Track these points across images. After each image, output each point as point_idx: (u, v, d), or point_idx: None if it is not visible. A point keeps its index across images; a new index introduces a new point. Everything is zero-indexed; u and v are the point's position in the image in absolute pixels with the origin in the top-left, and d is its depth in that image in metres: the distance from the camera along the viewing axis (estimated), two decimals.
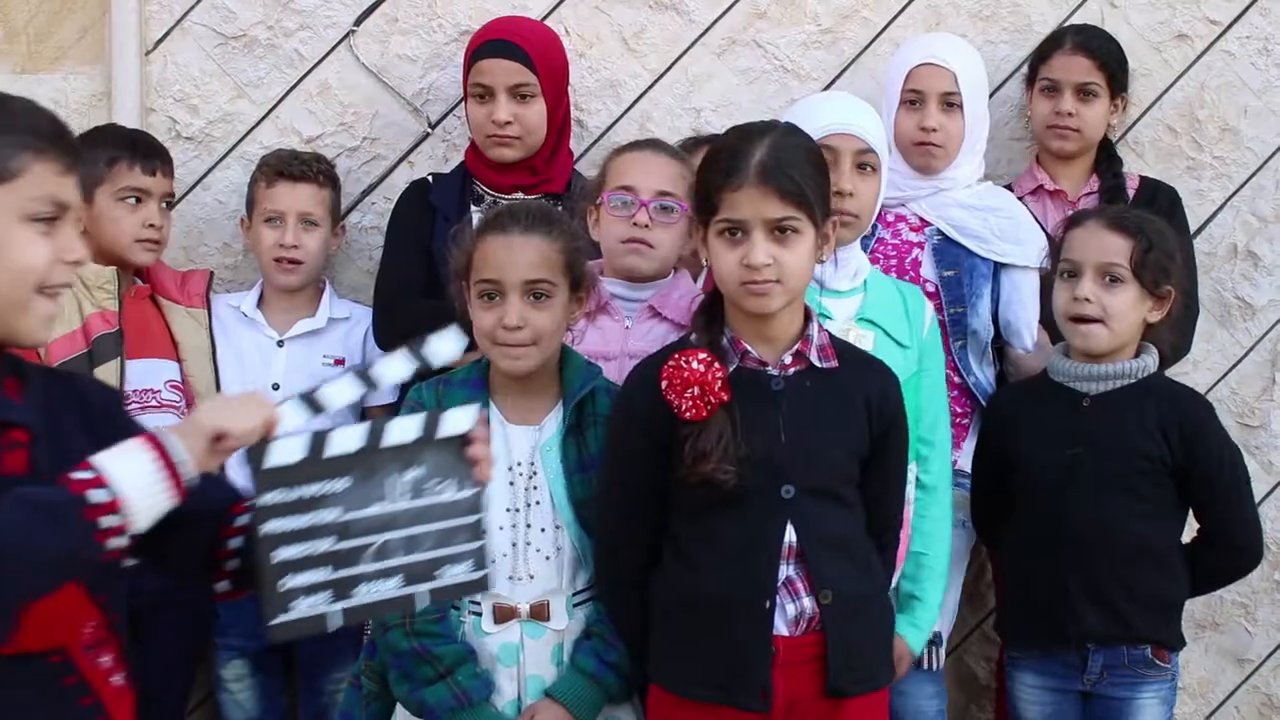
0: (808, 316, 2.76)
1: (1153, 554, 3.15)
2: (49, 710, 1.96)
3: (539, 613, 2.82)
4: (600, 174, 3.32)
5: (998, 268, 3.53)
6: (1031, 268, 3.51)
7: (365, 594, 2.06)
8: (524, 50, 3.58)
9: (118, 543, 1.85)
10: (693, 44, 3.95)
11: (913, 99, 3.55)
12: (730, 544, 2.68)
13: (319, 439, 2.05)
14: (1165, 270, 3.16)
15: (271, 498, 2.01)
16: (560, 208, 3.10)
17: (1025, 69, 3.88)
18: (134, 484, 1.86)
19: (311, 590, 2.03)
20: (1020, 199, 3.73)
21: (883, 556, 2.85)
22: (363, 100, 3.93)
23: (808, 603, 2.68)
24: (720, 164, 2.68)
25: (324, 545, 2.03)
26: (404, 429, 2.08)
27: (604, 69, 3.94)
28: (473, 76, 3.62)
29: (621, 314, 3.18)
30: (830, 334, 2.82)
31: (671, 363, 2.67)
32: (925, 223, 3.55)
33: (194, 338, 3.65)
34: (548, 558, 2.82)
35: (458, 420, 2.11)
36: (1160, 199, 3.76)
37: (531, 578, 2.82)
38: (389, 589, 2.07)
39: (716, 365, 2.65)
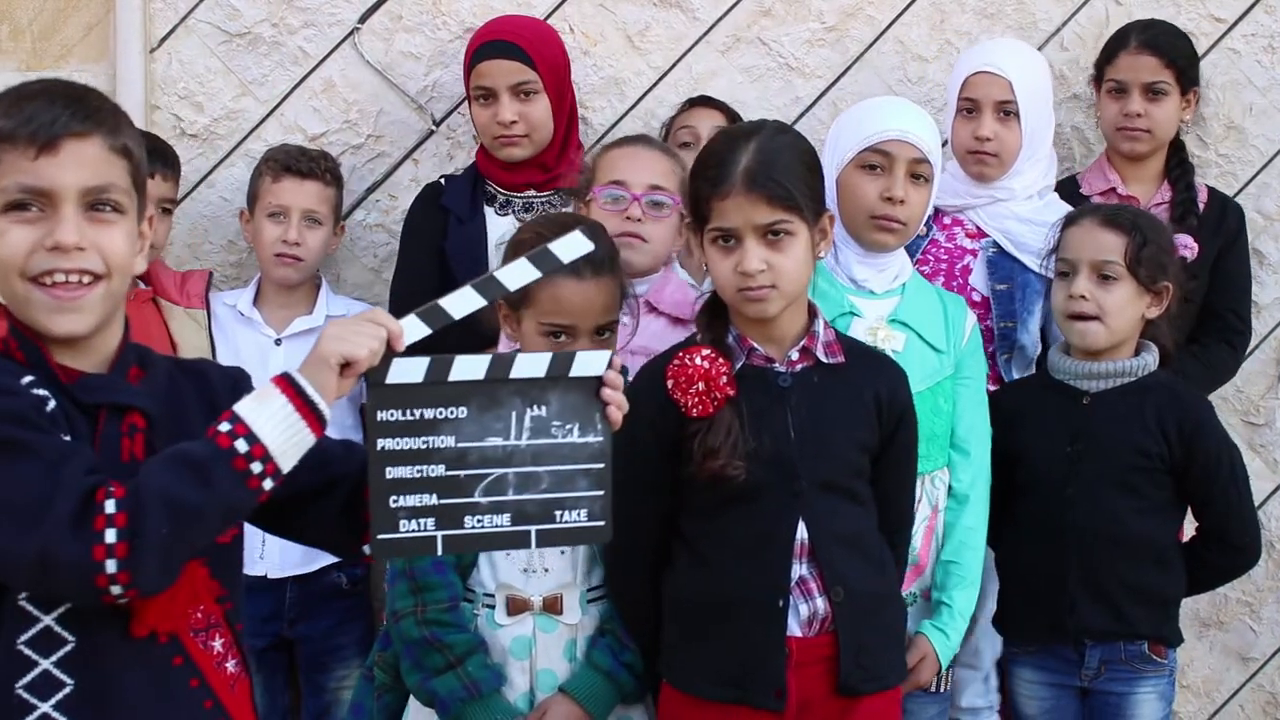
0: (813, 313, 2.76)
1: (1151, 550, 3.16)
2: (158, 690, 1.98)
3: (552, 606, 2.82)
4: (589, 170, 3.33)
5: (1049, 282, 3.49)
6: None
7: (471, 526, 2.04)
8: (522, 48, 3.59)
9: (269, 485, 1.91)
10: (697, 41, 3.95)
11: (968, 107, 3.50)
12: (742, 541, 2.67)
13: (442, 363, 2.02)
14: (1161, 266, 3.15)
15: (388, 415, 2.00)
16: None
17: (1093, 69, 3.80)
18: (274, 428, 1.90)
19: (417, 513, 2.01)
20: (1089, 198, 3.68)
21: (895, 554, 2.84)
22: (367, 98, 3.93)
23: (820, 603, 2.67)
24: (708, 172, 2.66)
25: (436, 470, 2.02)
26: (532, 364, 2.05)
27: (608, 66, 3.94)
28: (474, 80, 3.63)
29: None
30: (837, 330, 2.81)
31: (676, 360, 2.67)
32: (982, 232, 3.52)
33: (194, 339, 3.63)
34: (563, 552, 2.81)
35: (590, 362, 2.07)
36: (1229, 218, 3.73)
37: (546, 571, 2.82)
38: (497, 525, 2.05)
39: (721, 360, 2.65)
